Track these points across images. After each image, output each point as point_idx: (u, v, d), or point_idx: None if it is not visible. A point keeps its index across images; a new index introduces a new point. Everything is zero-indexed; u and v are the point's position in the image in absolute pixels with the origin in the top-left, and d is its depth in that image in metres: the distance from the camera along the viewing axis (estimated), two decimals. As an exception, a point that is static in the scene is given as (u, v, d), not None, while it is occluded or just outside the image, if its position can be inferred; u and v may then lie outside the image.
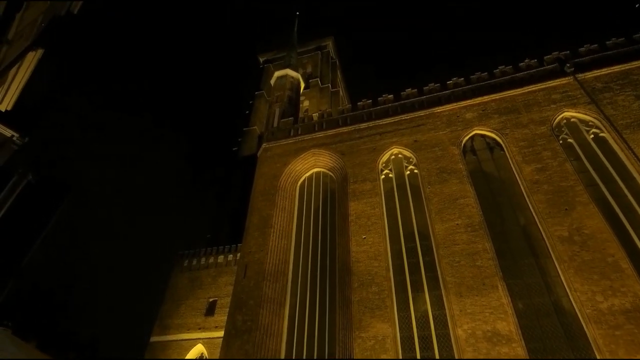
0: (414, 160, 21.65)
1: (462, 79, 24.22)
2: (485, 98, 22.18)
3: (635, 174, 16.93)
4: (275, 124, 28.49)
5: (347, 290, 17.56)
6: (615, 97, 19.23)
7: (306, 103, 41.50)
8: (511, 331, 14.05)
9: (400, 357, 15.14)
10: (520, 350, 13.54)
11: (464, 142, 21.29)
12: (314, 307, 18.80)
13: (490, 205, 18.28)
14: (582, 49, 22.21)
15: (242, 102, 48.36)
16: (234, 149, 40.40)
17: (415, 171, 21.27)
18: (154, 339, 26.29)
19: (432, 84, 24.86)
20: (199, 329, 25.60)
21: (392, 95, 25.57)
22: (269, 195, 23.44)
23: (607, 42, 21.87)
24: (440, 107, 22.97)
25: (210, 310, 25.96)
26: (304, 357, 17.27)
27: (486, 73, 23.75)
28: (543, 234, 16.49)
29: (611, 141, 18.37)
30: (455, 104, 22.76)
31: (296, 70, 34.09)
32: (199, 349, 25.09)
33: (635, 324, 12.98)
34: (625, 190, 16.73)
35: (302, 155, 24.93)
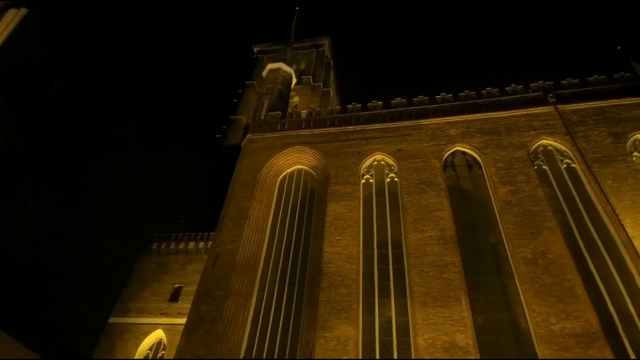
0: (396, 169, 22.01)
1: (450, 95, 24.81)
2: (470, 117, 22.80)
3: (598, 207, 17.84)
4: (262, 116, 28.28)
5: (316, 290, 17.67)
6: (589, 132, 20.19)
7: (296, 99, 41.35)
8: (468, 344, 14.52)
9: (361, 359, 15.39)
10: (476, 363, 14.01)
11: (445, 156, 21.81)
12: (280, 303, 18.81)
13: (464, 221, 18.82)
14: (564, 82, 23.19)
15: (231, 90, 47.71)
16: (217, 136, 39.80)
17: (396, 179, 21.62)
18: (112, 320, 25.61)
19: (422, 96, 25.33)
20: (161, 314, 25.12)
21: (381, 102, 25.88)
22: (249, 187, 23.27)
23: (589, 78, 22.94)
24: (426, 120, 23.44)
25: (175, 296, 25.52)
26: (265, 351, 17.28)
27: (474, 92, 24.41)
28: (509, 254, 17.13)
29: (581, 173, 19.28)
30: (441, 119, 23.28)
31: (290, 65, 33.92)
32: (158, 334, 24.61)
33: (583, 348, 13.68)
34: (588, 221, 17.61)
35: (286, 151, 24.87)
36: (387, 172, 22.30)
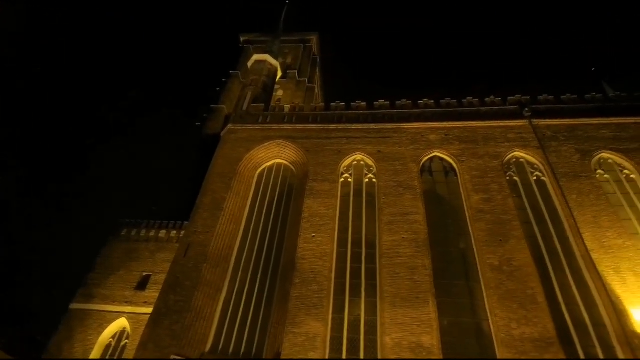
0: (375, 170, 22.26)
1: (432, 101, 25.29)
2: (450, 124, 23.33)
3: (563, 219, 18.70)
4: (245, 107, 27.92)
5: (288, 286, 17.67)
6: (560, 147, 21.11)
7: (280, 92, 41.03)
8: (433, 345, 14.93)
9: (327, 357, 15.53)
10: (439, 364, 14.44)
11: (423, 161, 22.25)
12: (251, 296, 18.70)
13: (437, 225, 19.28)
14: (541, 97, 24.12)
15: (214, 78, 46.74)
16: (197, 124, 38.95)
17: (374, 180, 21.87)
18: (74, 306, 24.65)
19: (405, 100, 25.70)
20: (126, 302, 24.39)
21: (365, 103, 26.08)
22: (226, 178, 22.93)
23: (563, 96, 23.96)
24: (408, 124, 23.81)
25: (142, 285, 24.82)
26: (233, 344, 17.15)
27: (455, 100, 24.99)
28: (477, 259, 17.71)
29: (549, 186, 20.15)
30: (422, 124, 23.71)
31: (276, 58, 33.61)
32: (121, 323, 23.90)
33: (539, 352, 14.35)
34: (552, 232, 18.45)
35: (266, 144, 24.66)
36: (366, 172, 22.52)
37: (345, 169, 22.88)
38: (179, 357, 16.08)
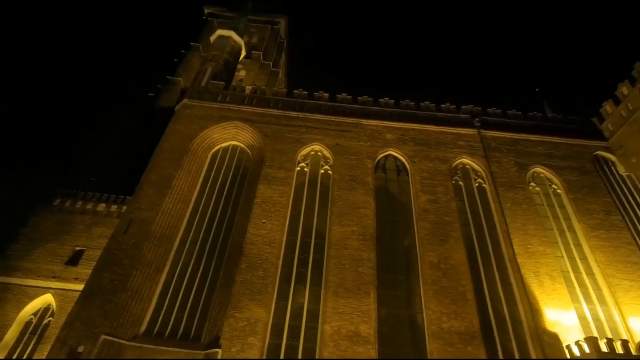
0: (331, 162, 22.51)
1: (392, 101, 25.99)
2: (407, 125, 24.21)
3: (497, 224, 20.35)
4: (203, 83, 26.71)
5: (233, 270, 17.44)
6: (502, 158, 22.82)
7: (242, 73, 39.71)
8: (370, 334, 15.64)
9: (267, 342, 15.66)
10: (373, 352, 15.17)
11: (378, 158, 22.90)
12: (194, 279, 18.21)
13: (385, 222, 20.05)
14: (490, 110, 25.80)
15: (172, 48, 44.07)
16: (150, 94, 36.48)
17: (330, 172, 22.14)
18: (-9, 278, 22.34)
19: (366, 96, 26.14)
20: (54, 277, 22.56)
21: (327, 95, 26.13)
22: (177, 155, 21.91)
23: (509, 112, 25.82)
24: (367, 120, 24.30)
25: (74, 260, 23.05)
26: (170, 326, 16.65)
27: (414, 103, 25.90)
28: (419, 256, 18.74)
29: (489, 193, 21.76)
30: (380, 122, 24.33)
31: (241, 36, 32.42)
32: (46, 299, 22.11)
33: (463, 344, 15.64)
34: (487, 236, 20.00)
35: (223, 124, 23.87)
36: (323, 163, 22.71)
37: (302, 158, 22.88)
38: (110, 338, 15.30)
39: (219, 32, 31.76)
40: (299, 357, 15.54)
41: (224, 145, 23.88)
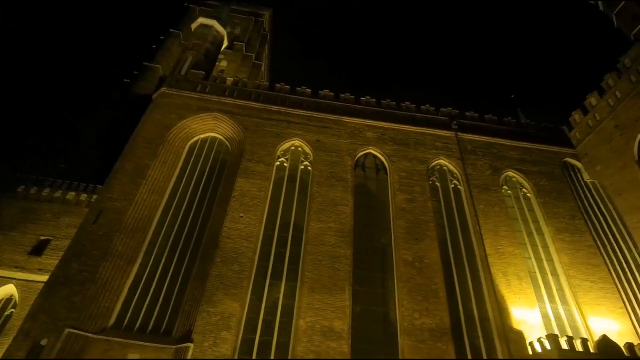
0: (311, 158, 22.48)
1: (374, 100, 26.18)
2: (387, 125, 24.47)
3: (470, 225, 20.93)
4: (183, 72, 26.01)
5: (208, 264, 17.17)
6: (477, 161, 23.47)
7: (224, 63, 38.98)
8: (344, 330, 15.81)
9: (240, 337, 15.54)
10: (346, 348, 15.35)
11: (358, 156, 23.06)
12: (167, 272, 17.81)
13: (363, 219, 20.24)
14: (467, 113, 26.44)
15: (151, 33, 42.58)
16: (125, 80, 35.17)
17: (309, 168, 22.11)
18: (-55, 267, 21.00)
19: (348, 94, 26.20)
20: (16, 267, 21.43)
21: (310, 90, 26.02)
22: (153, 144, 21.29)
23: (485, 116, 26.56)
24: (349, 118, 24.39)
25: (39, 250, 21.95)
26: (140, 319, 16.24)
27: (394, 103, 26.19)
28: (394, 254, 19.05)
29: (463, 194, 22.34)
30: (361, 120, 24.47)
31: (224, 26, 31.75)
32: (8, 289, 21.00)
33: (433, 340, 16.06)
34: (460, 236, 20.56)
35: (202, 115, 23.37)
36: (303, 159, 22.65)
37: (282, 152, 22.74)
38: (75, 331, 14.76)
39: (201, 20, 31.00)
40: (272, 351, 15.52)
41: (202, 136, 23.40)
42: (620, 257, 20.17)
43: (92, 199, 23.01)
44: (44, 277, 17.67)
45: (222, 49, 33.87)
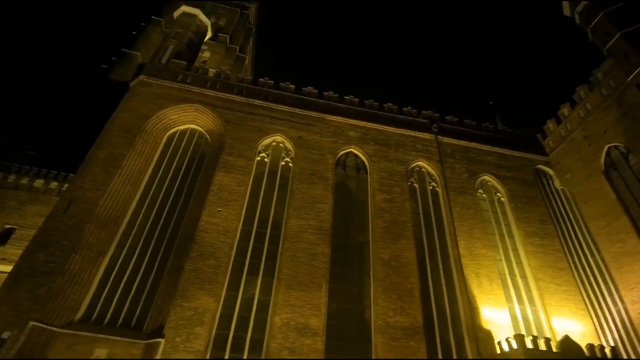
0: (293, 154, 22.39)
1: (357, 99, 26.32)
2: (370, 124, 24.67)
3: (446, 227, 21.40)
4: (164, 61, 25.31)
5: (183, 258, 16.83)
6: (455, 165, 24.02)
7: (206, 54, 38.19)
8: (319, 327, 15.86)
9: (214, 332, 15.34)
10: (321, 345, 15.41)
11: (339, 155, 23.14)
12: (140, 265, 17.34)
13: (342, 217, 20.35)
14: (448, 117, 26.98)
15: (131, 19, 41.22)
16: (103, 66, 33.89)
17: (290, 165, 22.01)
18: None
19: (332, 92, 26.22)
20: (-23, 257, 20.41)
21: (294, 86, 25.88)
22: (130, 134, 20.62)
23: (465, 121, 27.18)
24: (332, 116, 24.42)
25: (3, 238, 20.95)
26: (110, 313, 15.75)
27: (377, 103, 26.42)
28: (371, 253, 19.25)
29: (441, 196, 22.82)
30: (344, 119, 24.56)
31: (208, 16, 31.16)
32: (-33, 280, 19.94)
33: (406, 338, 16.36)
34: (436, 237, 20.97)
35: (183, 106, 22.83)
36: (284, 155, 22.52)
37: (263, 148, 22.53)
38: (40, 324, 14.15)
39: (184, 8, 30.28)
40: (246, 347, 15.40)
41: (181, 127, 22.87)
42: (584, 261, 21.16)
43: (63, 188, 22.13)
44: (8, 267, 16.90)
45: (206, 39, 33.23)
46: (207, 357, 14.71)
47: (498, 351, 16.45)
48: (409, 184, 22.71)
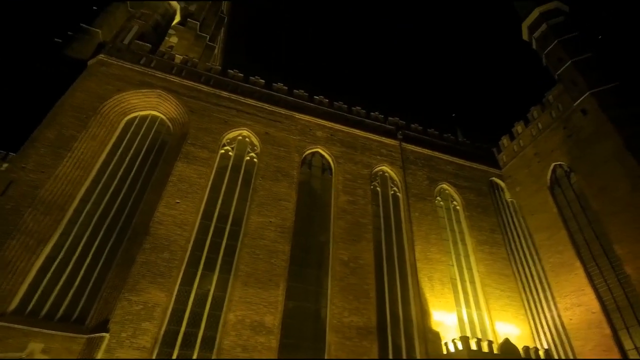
0: (258, 150, 22.03)
1: (327, 100, 26.44)
2: (338, 126, 24.86)
3: (404, 231, 22.02)
4: (126, 41, 23.92)
5: (135, 249, 15.99)
6: (417, 172, 24.83)
7: (174, 39, 36.52)
8: (274, 325, 15.72)
9: (164, 328, 14.71)
10: (275, 343, 15.29)
11: (305, 154, 23.10)
12: (85, 255, 16.24)
13: (304, 217, 20.31)
14: (413, 125, 27.85)
15: (94, -6, 38.52)
16: (57, 40, 31.36)
17: (255, 160, 21.64)
18: None
19: (302, 91, 26.14)
20: None
21: (263, 81, 25.49)
22: (83, 115, 19.27)
23: (428, 130, 28.20)
24: (300, 115, 24.32)
25: None
26: (48, 305, 14.62)
27: (346, 106, 26.70)
28: (331, 253, 19.39)
29: (401, 201, 23.48)
30: (313, 118, 24.55)
31: (178, 0, 29.88)
32: None
33: (359, 338, 16.66)
34: (394, 240, 21.54)
35: (145, 91, 21.71)
36: (249, 150, 22.10)
37: (228, 141, 21.97)
38: (-36, 316, 12.82)
39: (153, -11, 28.85)
40: (197, 344, 14.92)
41: (142, 113, 21.73)
42: (527, 269, 22.67)
43: (2, 167, 20.20)
44: None
45: (174, 23, 31.90)
46: (155, 354, 14.07)
47: (445, 352, 17.20)
48: (372, 187, 23.16)
